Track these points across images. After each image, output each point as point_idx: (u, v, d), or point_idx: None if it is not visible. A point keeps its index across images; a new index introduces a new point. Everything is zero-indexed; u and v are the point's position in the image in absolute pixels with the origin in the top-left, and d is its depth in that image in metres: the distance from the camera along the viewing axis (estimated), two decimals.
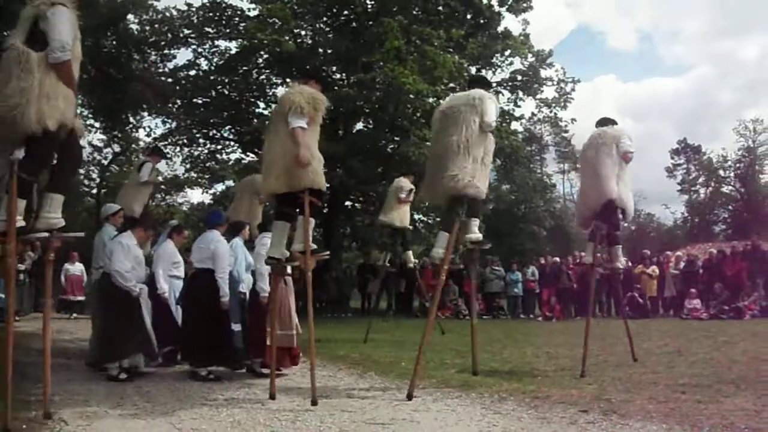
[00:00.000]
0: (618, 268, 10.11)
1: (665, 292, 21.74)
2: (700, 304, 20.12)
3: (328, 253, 8.36)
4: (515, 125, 27.58)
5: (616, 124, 9.57)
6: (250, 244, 9.96)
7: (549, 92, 30.01)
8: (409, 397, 7.10)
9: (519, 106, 28.87)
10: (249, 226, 10.38)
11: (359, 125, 25.95)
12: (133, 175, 11.88)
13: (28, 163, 5.86)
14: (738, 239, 35.00)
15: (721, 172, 57.18)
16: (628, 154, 9.08)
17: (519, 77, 28.60)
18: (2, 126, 5.70)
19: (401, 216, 13.87)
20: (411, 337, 14.26)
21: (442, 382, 8.14)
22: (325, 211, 23.87)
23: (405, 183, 14.04)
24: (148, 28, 27.03)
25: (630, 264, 22.15)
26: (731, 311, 19.08)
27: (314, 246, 7.59)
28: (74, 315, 19.82)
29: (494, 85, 28.56)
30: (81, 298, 20.30)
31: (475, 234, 8.40)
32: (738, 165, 55.80)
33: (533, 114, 31.54)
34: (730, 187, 57.15)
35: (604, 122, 9.54)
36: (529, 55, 28.61)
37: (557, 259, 24.50)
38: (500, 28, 27.61)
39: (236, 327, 9.41)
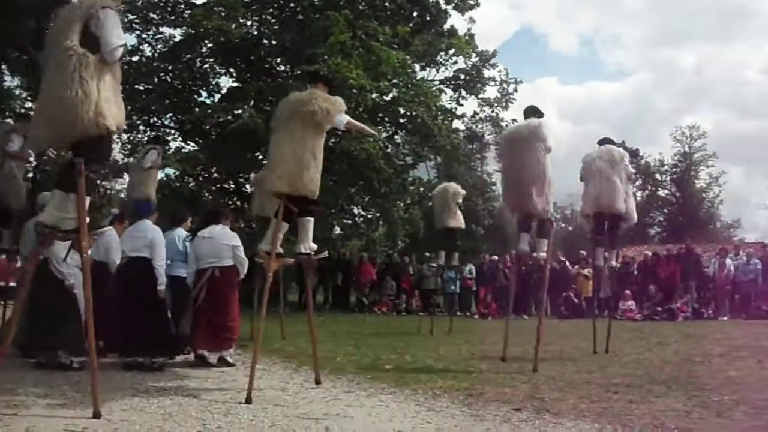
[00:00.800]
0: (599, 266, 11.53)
1: (600, 293, 22.00)
2: (634, 305, 20.46)
3: (292, 260, 8.35)
4: (457, 123, 27.63)
5: (616, 143, 11.13)
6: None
7: (491, 92, 30.13)
8: None
9: (461, 105, 28.88)
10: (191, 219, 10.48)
11: None
12: (136, 163, 12.72)
13: (93, 163, 6.09)
14: (672, 242, 35.69)
15: (658, 176, 58.16)
16: (633, 176, 11.38)
17: (462, 76, 28.65)
18: (60, 128, 5.81)
19: (460, 219, 14.92)
20: (347, 332, 14.29)
21: (376, 378, 8.14)
22: None
23: (460, 189, 15.24)
24: None
25: (568, 264, 22.61)
26: (664, 312, 19.48)
27: (314, 246, 7.86)
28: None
29: (437, 83, 28.70)
30: (13, 284, 19.80)
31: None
32: (674, 170, 56.87)
33: (475, 113, 31.40)
34: (666, 191, 58.18)
35: (609, 141, 11.00)
36: (473, 55, 28.69)
37: (495, 257, 24.67)
38: (446, 26, 27.65)
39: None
